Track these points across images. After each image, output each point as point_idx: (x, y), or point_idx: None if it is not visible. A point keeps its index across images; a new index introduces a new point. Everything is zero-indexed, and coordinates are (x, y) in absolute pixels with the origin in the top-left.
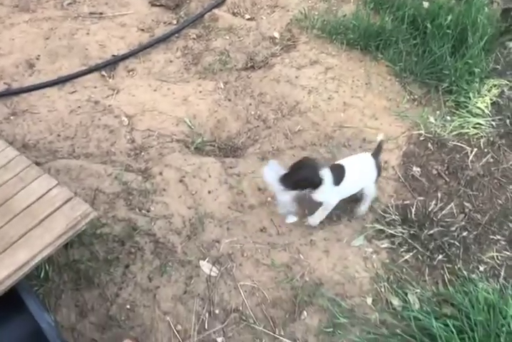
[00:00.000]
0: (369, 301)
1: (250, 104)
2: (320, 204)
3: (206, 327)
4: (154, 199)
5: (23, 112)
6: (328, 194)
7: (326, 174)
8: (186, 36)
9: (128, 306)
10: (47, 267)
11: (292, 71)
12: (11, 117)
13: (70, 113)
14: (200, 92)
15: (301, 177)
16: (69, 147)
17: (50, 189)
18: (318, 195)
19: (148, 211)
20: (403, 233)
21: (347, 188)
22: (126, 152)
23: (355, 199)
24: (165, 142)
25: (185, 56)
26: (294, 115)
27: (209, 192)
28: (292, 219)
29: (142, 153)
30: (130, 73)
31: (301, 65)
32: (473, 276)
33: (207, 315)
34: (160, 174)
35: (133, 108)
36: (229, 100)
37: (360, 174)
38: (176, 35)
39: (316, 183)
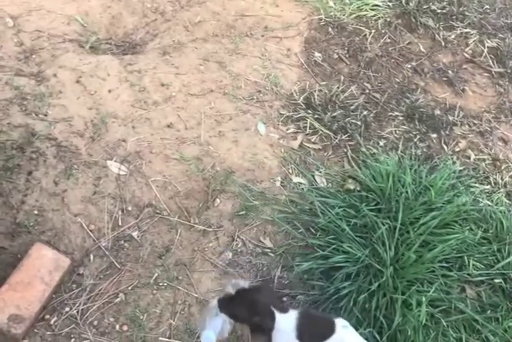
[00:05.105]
0: (278, 183)
1: None
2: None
3: (120, 224)
4: (51, 103)
5: None
6: None
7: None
8: None
9: (36, 212)
10: None
11: None
12: None
13: None
14: None
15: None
16: None
17: None
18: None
19: (46, 115)
20: (307, 117)
21: None
22: (15, 56)
23: None
24: (57, 43)
25: None
26: (192, 6)
27: (109, 91)
28: (208, 339)
29: (33, 56)
30: None
31: None
32: (374, 150)
33: (119, 212)
34: (55, 76)
35: (18, 8)
36: None
37: None
38: None
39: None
